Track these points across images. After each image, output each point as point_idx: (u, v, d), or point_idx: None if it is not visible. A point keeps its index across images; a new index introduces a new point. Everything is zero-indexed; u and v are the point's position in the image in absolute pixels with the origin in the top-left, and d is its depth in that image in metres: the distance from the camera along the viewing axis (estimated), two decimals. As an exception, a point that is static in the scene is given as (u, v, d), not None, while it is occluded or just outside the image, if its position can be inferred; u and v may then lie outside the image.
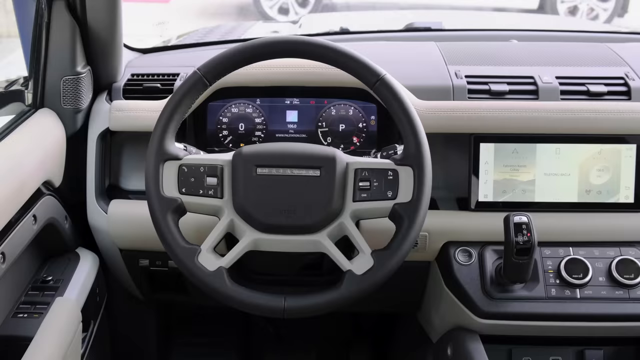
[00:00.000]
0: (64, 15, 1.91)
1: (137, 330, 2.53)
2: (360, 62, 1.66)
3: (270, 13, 8.84)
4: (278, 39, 1.68)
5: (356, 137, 2.07)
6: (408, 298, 2.23)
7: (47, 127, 1.93)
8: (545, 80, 2.03)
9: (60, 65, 1.95)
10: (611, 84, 2.04)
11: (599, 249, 1.92)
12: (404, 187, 1.63)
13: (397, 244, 1.60)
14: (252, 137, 2.08)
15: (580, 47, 2.31)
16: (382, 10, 6.80)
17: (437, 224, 1.96)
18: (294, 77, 2.03)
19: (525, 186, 1.95)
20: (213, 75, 1.68)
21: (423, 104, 1.96)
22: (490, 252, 1.93)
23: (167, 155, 1.65)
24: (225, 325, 2.75)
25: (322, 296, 1.61)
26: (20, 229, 1.69)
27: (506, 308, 1.85)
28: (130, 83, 2.12)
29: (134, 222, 1.99)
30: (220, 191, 1.66)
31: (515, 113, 1.93)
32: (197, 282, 1.62)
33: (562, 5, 8.72)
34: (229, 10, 9.56)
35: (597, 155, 1.95)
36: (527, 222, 1.75)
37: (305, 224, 1.63)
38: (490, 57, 2.18)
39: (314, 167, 1.65)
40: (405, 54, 2.27)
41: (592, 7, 8.65)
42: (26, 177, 1.73)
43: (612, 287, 1.87)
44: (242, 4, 9.45)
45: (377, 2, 8.60)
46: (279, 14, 8.81)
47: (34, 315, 1.78)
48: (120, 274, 2.20)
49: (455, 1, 8.63)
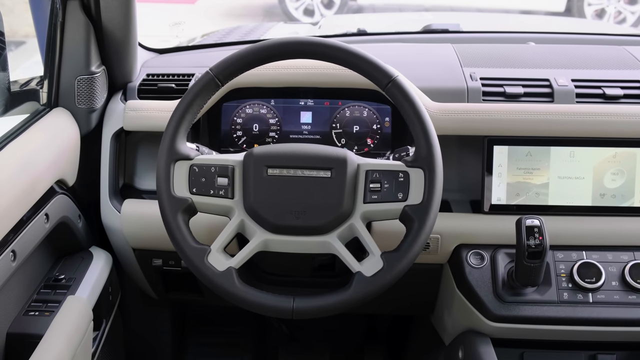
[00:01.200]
0: (79, 15, 1.92)
1: (151, 330, 2.54)
2: (372, 64, 1.65)
3: (295, 14, 8.88)
4: (290, 40, 1.68)
5: (370, 138, 2.06)
6: (421, 300, 2.23)
7: (61, 126, 1.95)
8: (561, 83, 2.01)
9: (75, 64, 1.97)
10: (628, 87, 2.03)
11: (613, 253, 1.90)
12: (415, 189, 1.62)
13: (407, 246, 1.59)
14: (266, 137, 2.08)
15: (598, 49, 2.30)
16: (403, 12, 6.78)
17: (450, 227, 1.95)
18: (308, 78, 2.02)
19: (538, 189, 1.94)
20: (225, 75, 1.68)
21: (436, 105, 1.95)
22: (503, 255, 1.91)
23: (178, 155, 1.66)
24: (240, 326, 2.76)
25: (330, 297, 1.60)
26: (32, 227, 1.71)
27: (517, 312, 1.84)
28: (145, 83, 2.13)
29: (146, 222, 2.00)
30: (231, 191, 1.66)
31: (529, 116, 1.92)
32: (206, 282, 1.62)
33: (589, 8, 8.67)
34: (255, 12, 9.60)
35: (611, 159, 1.93)
36: (539, 225, 1.74)
37: (315, 225, 1.63)
38: (506, 60, 2.17)
39: (325, 168, 1.64)
40: (421, 55, 2.26)
41: (620, 10, 8.59)
42: (38, 176, 1.74)
43: (625, 292, 1.85)
44: (268, 5, 9.49)
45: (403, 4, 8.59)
46: (304, 15, 8.85)
47: (45, 313, 1.80)
48: (134, 274, 2.22)
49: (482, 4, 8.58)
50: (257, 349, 2.78)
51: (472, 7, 8.38)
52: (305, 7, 8.93)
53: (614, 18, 8.63)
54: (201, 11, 9.46)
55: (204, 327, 2.77)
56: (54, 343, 1.65)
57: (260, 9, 9.65)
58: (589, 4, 8.69)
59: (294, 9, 8.94)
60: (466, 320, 1.95)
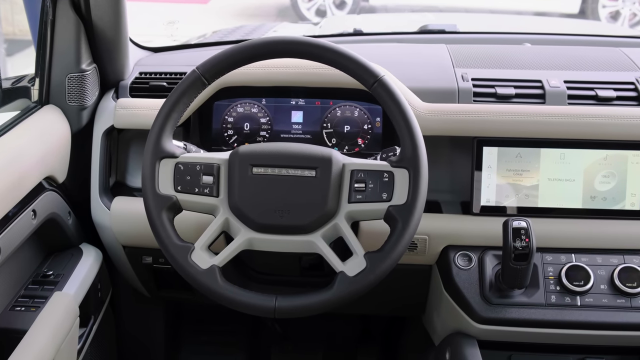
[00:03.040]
0: (69, 14, 1.93)
1: (143, 328, 2.54)
2: (358, 63, 1.64)
3: (307, 15, 8.88)
4: (276, 39, 1.68)
5: (361, 138, 2.06)
6: (412, 301, 2.22)
7: (51, 123, 1.95)
8: (553, 84, 2.00)
9: (65, 62, 1.98)
10: (621, 89, 2.01)
11: (602, 257, 1.89)
12: (399, 189, 1.61)
13: (391, 246, 1.59)
14: (257, 137, 2.08)
15: (593, 51, 2.28)
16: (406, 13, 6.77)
17: (437, 227, 1.94)
18: (299, 77, 2.02)
19: (528, 191, 1.93)
20: (211, 74, 1.68)
21: (426, 106, 1.94)
22: (491, 257, 1.91)
23: (164, 153, 1.66)
24: (234, 325, 2.76)
25: (313, 297, 1.60)
26: (18, 223, 1.71)
27: (504, 314, 1.83)
28: (137, 81, 2.14)
29: (136, 219, 2.00)
30: (216, 190, 1.66)
31: (519, 117, 1.91)
32: (189, 280, 1.63)
33: (604, 10, 8.63)
34: (267, 12, 9.61)
35: (602, 161, 1.92)
36: (526, 227, 1.73)
37: (299, 224, 1.63)
38: (499, 60, 2.16)
39: (310, 168, 1.64)
40: (414, 55, 2.26)
41: (635, 12, 8.53)
42: (25, 172, 1.75)
43: (614, 295, 1.83)
44: (281, 5, 9.49)
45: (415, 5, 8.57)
46: (316, 16, 8.84)
47: (31, 309, 1.80)
48: (125, 271, 2.22)
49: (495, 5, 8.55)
50: (251, 348, 2.78)
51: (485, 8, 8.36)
52: (317, 7, 8.94)
53: (629, 20, 8.58)
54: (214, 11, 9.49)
55: (198, 326, 2.77)
56: (37, 338, 1.66)
57: (272, 9, 9.66)
58: (604, 6, 8.65)
59: (305, 9, 8.95)
60: (454, 322, 1.94)
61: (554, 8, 8.65)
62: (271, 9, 9.71)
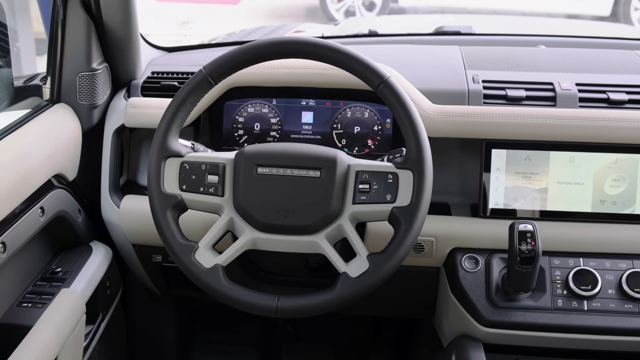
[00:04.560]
0: (79, 13, 1.95)
1: (155, 326, 2.55)
2: (364, 64, 1.64)
3: (336, 16, 8.87)
4: (282, 40, 1.68)
5: (371, 139, 2.05)
6: (421, 304, 2.21)
7: (61, 121, 1.97)
8: (564, 86, 1.98)
9: (76, 61, 1.99)
10: (633, 92, 1.99)
11: (611, 261, 1.87)
12: (403, 190, 1.61)
13: (394, 248, 1.58)
14: (267, 137, 2.08)
15: (607, 53, 2.25)
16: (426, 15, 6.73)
17: (445, 230, 1.93)
18: (309, 78, 2.02)
19: (537, 194, 1.91)
20: (218, 74, 1.68)
21: (435, 107, 1.94)
22: (498, 260, 1.89)
23: (170, 152, 1.67)
24: (246, 324, 2.76)
25: (315, 297, 1.60)
26: (25, 220, 1.73)
27: (510, 317, 1.82)
28: (149, 81, 2.15)
29: (145, 218, 2.00)
30: (222, 189, 1.66)
31: (528, 119, 1.89)
32: (192, 278, 1.63)
33: (636, 12, 8.53)
34: (297, 12, 9.62)
35: (612, 165, 1.90)
36: (532, 230, 1.72)
37: (303, 224, 1.63)
38: (511, 62, 2.15)
39: (315, 168, 1.64)
40: (425, 57, 2.24)
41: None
42: (32, 169, 1.76)
43: (622, 301, 1.82)
44: (310, 6, 9.49)
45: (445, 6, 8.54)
46: (345, 17, 8.81)
47: (37, 305, 1.82)
48: (136, 269, 2.24)
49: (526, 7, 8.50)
50: (263, 347, 2.78)
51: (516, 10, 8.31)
52: (346, 8, 8.92)
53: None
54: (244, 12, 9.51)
55: (210, 324, 2.78)
56: (42, 334, 1.68)
57: (302, 10, 9.66)
58: (636, 9, 8.55)
59: (334, 10, 8.93)
60: (460, 325, 1.93)
61: (585, 10, 8.57)
62: (300, 9, 9.71)
